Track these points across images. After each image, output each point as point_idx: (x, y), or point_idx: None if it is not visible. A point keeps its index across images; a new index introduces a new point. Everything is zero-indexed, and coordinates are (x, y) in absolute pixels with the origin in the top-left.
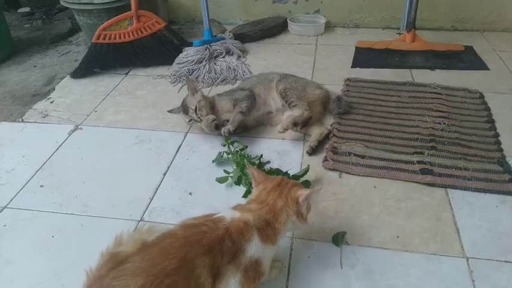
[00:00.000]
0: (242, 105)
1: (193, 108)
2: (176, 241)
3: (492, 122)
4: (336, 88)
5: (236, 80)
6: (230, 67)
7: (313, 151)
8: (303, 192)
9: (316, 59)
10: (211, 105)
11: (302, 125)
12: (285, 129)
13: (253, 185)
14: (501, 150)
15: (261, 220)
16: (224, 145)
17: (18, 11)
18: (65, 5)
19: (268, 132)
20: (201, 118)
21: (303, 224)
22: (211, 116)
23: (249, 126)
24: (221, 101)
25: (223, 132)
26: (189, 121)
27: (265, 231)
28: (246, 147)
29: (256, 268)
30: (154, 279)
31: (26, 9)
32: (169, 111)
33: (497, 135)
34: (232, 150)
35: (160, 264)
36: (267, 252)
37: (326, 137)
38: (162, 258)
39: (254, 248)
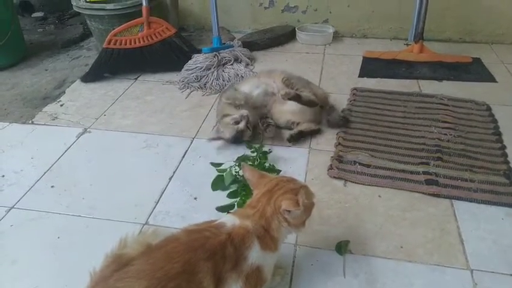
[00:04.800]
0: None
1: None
2: (180, 245)
3: (499, 134)
4: (342, 97)
5: None
6: (238, 74)
7: (292, 138)
8: (281, 204)
9: (323, 68)
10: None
11: (304, 103)
12: (287, 95)
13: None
14: (508, 162)
15: (259, 226)
16: (253, 151)
17: (31, 16)
18: (77, 10)
19: (273, 139)
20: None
21: (298, 230)
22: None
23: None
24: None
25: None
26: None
27: (264, 239)
28: (270, 151)
29: (257, 275)
30: (157, 282)
31: (40, 14)
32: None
33: (504, 147)
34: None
35: (164, 268)
36: (268, 259)
37: (312, 133)
38: (165, 262)
39: (255, 255)
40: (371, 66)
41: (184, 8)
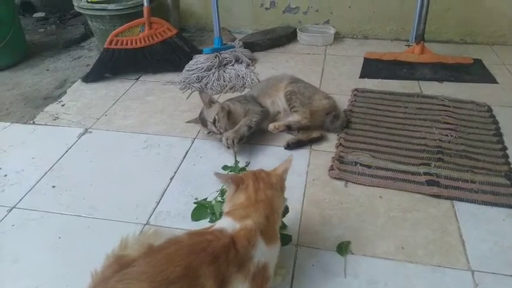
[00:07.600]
0: (252, 118)
1: (212, 120)
2: (181, 248)
3: (500, 135)
4: (343, 98)
5: (244, 88)
6: (239, 75)
7: (288, 146)
8: (280, 168)
9: (324, 68)
10: (229, 114)
11: (296, 130)
12: (276, 129)
13: (228, 195)
14: (509, 163)
15: (262, 219)
16: (230, 171)
17: (33, 16)
18: (78, 10)
19: (273, 140)
20: (221, 130)
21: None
22: (231, 135)
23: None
24: (235, 107)
25: (226, 142)
26: (208, 133)
27: (268, 231)
28: (249, 163)
29: (263, 274)
30: (158, 285)
31: (41, 14)
32: (188, 122)
33: (505, 148)
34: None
35: (165, 271)
36: (273, 252)
37: (312, 141)
38: (167, 265)
39: (260, 252)
40: (372, 67)
41: (185, 8)
